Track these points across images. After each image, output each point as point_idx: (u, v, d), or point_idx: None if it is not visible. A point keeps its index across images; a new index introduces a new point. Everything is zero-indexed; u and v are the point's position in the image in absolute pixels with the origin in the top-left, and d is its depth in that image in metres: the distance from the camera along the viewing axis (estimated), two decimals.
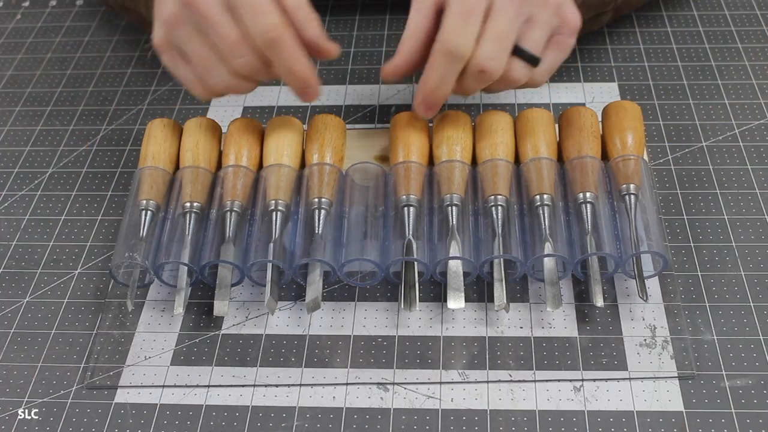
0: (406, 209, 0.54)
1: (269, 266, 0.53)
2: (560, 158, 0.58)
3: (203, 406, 0.50)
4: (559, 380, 0.50)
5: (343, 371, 0.51)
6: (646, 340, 0.51)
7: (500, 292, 0.52)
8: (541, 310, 0.53)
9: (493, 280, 0.53)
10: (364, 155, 0.61)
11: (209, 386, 0.51)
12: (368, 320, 0.53)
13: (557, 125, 0.60)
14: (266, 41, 0.51)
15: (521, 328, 0.52)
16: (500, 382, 0.50)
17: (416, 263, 0.52)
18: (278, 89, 0.71)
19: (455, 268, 0.53)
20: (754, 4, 0.76)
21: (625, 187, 0.54)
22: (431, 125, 0.60)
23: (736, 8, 0.76)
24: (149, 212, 0.55)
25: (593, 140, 0.57)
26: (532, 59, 0.54)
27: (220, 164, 0.59)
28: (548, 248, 0.51)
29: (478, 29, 0.51)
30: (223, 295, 0.53)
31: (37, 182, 0.65)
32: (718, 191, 0.60)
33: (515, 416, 0.48)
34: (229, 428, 0.49)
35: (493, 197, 0.54)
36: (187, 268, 0.53)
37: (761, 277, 0.54)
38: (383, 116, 0.67)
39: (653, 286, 0.54)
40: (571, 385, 0.49)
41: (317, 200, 0.55)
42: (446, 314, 0.53)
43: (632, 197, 0.54)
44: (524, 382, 0.50)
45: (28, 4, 0.84)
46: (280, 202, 0.55)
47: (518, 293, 0.54)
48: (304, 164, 0.59)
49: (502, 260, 0.53)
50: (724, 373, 0.49)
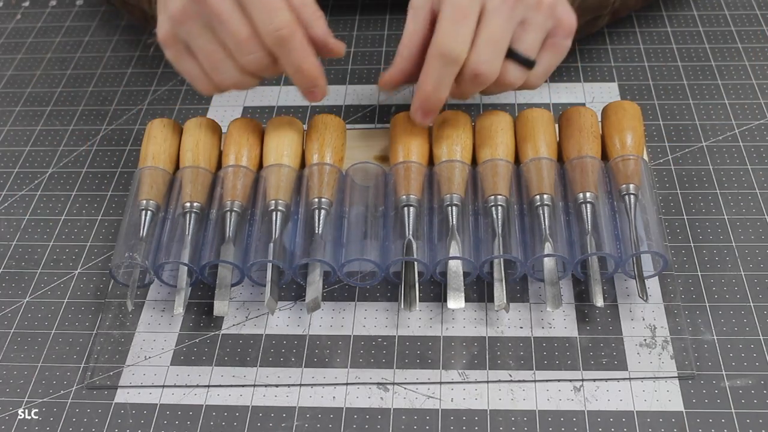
0: (406, 209, 0.54)
1: (269, 266, 0.53)
2: (560, 158, 0.58)
3: (203, 406, 0.50)
4: (559, 380, 0.50)
5: (343, 371, 0.51)
6: (646, 340, 0.51)
7: (500, 292, 0.52)
8: (541, 310, 0.53)
9: (493, 280, 0.53)
10: (364, 155, 0.61)
11: (209, 386, 0.51)
12: (368, 320, 0.53)
13: (557, 125, 0.60)
14: (277, 38, 0.51)
15: (521, 328, 0.52)
16: (500, 382, 0.50)
17: (416, 263, 0.52)
18: (278, 89, 0.71)
19: (455, 268, 0.53)
20: (754, 4, 0.76)
21: (624, 187, 0.54)
22: (431, 125, 0.60)
23: (736, 8, 0.76)
24: (149, 212, 0.55)
25: (593, 140, 0.57)
26: (526, 62, 0.54)
27: (220, 164, 0.59)
28: (548, 248, 0.51)
29: (471, 32, 0.52)
30: (223, 295, 0.53)
31: (37, 182, 0.65)
32: (718, 191, 0.60)
33: (515, 416, 0.48)
34: (229, 428, 0.49)
35: (493, 197, 0.54)
36: (187, 268, 0.53)
37: (761, 277, 0.54)
38: (383, 116, 0.67)
39: (653, 286, 0.54)
40: (571, 385, 0.49)
41: (317, 200, 0.55)
42: (446, 314, 0.53)
43: (632, 197, 0.54)
44: (524, 382, 0.50)
45: (28, 4, 0.84)
46: (280, 202, 0.55)
47: (518, 293, 0.54)
48: (304, 164, 0.59)
49: (502, 260, 0.53)
50: (724, 373, 0.49)
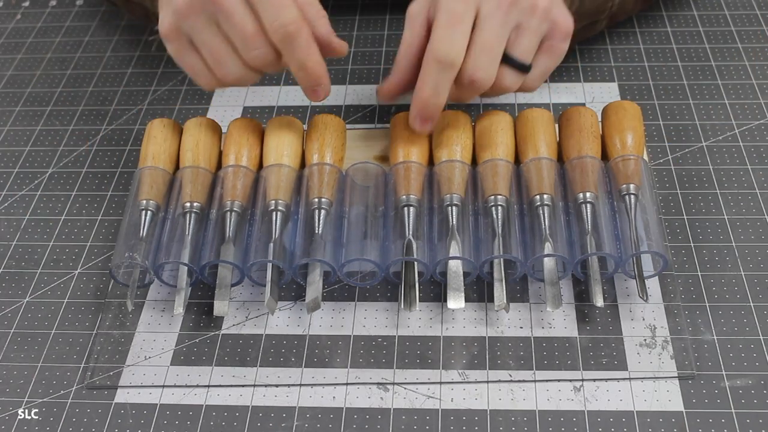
0: (406, 209, 0.54)
1: (269, 266, 0.53)
2: (560, 158, 0.58)
3: (203, 406, 0.50)
4: (559, 380, 0.50)
5: (343, 371, 0.51)
6: (646, 340, 0.51)
7: (500, 292, 0.52)
8: (541, 310, 0.53)
9: (493, 280, 0.53)
10: (364, 155, 0.61)
11: (209, 386, 0.51)
12: (368, 320, 0.53)
13: (557, 125, 0.60)
14: (283, 34, 0.51)
15: (521, 328, 0.52)
16: (500, 382, 0.50)
17: (416, 263, 0.52)
18: (278, 89, 0.71)
19: (455, 268, 0.53)
20: (754, 4, 0.76)
21: (625, 187, 0.54)
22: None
23: (736, 8, 0.76)
24: (149, 212, 0.55)
25: (593, 140, 0.57)
26: (521, 67, 0.54)
27: (220, 164, 0.59)
28: (548, 248, 0.51)
29: (466, 37, 0.52)
30: (223, 295, 0.53)
31: (37, 182, 0.65)
32: (718, 191, 0.60)
33: (515, 416, 0.48)
34: (229, 428, 0.49)
35: (493, 197, 0.54)
36: (187, 268, 0.53)
37: (761, 277, 0.54)
38: (383, 116, 0.67)
39: (653, 286, 0.54)
40: (571, 385, 0.49)
41: (317, 200, 0.55)
42: (446, 314, 0.53)
43: (632, 197, 0.54)
44: (524, 382, 0.50)
45: (28, 4, 0.84)
46: (280, 202, 0.55)
47: (518, 293, 0.54)
48: (304, 164, 0.59)
49: (502, 260, 0.53)
50: (724, 373, 0.49)
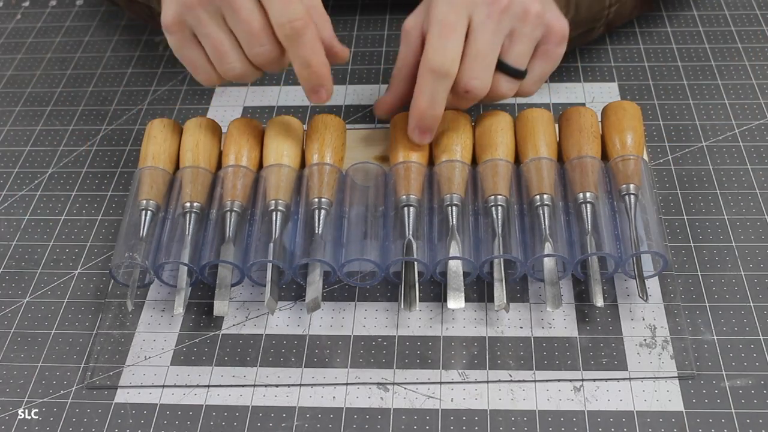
0: (406, 209, 0.54)
1: (269, 266, 0.53)
2: (560, 158, 0.58)
3: (203, 406, 0.50)
4: (559, 380, 0.50)
5: (343, 371, 0.51)
6: (646, 340, 0.51)
7: (500, 292, 0.52)
8: (541, 310, 0.53)
9: (493, 280, 0.53)
10: (364, 155, 0.61)
11: (209, 386, 0.51)
12: (368, 320, 0.53)
13: (557, 125, 0.60)
14: (291, 31, 0.51)
15: (521, 328, 0.52)
16: (500, 382, 0.50)
17: (416, 263, 0.52)
18: (278, 89, 0.71)
19: (455, 268, 0.53)
20: (754, 4, 0.76)
21: (625, 187, 0.54)
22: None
23: (736, 8, 0.76)
24: (149, 212, 0.55)
25: (593, 140, 0.57)
26: (516, 73, 0.54)
27: (220, 164, 0.59)
28: (548, 248, 0.51)
29: (459, 46, 0.52)
30: (223, 295, 0.53)
31: (37, 182, 0.65)
32: (718, 191, 0.60)
33: (515, 416, 0.48)
34: (229, 428, 0.49)
35: (493, 197, 0.54)
36: (187, 268, 0.53)
37: (761, 277, 0.54)
38: None
39: (653, 286, 0.54)
40: (571, 385, 0.49)
41: (317, 200, 0.55)
42: (446, 314, 0.53)
43: (632, 197, 0.54)
44: (524, 382, 0.50)
45: (28, 4, 0.84)
46: (280, 202, 0.55)
47: (518, 293, 0.54)
48: (304, 164, 0.59)
49: (502, 260, 0.53)
50: (724, 373, 0.49)
